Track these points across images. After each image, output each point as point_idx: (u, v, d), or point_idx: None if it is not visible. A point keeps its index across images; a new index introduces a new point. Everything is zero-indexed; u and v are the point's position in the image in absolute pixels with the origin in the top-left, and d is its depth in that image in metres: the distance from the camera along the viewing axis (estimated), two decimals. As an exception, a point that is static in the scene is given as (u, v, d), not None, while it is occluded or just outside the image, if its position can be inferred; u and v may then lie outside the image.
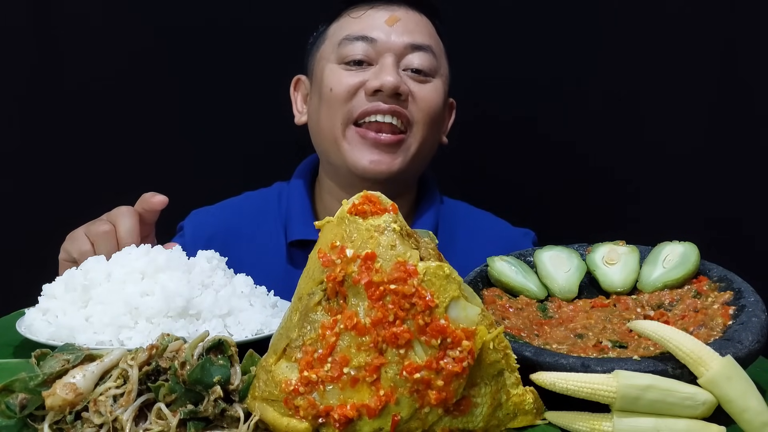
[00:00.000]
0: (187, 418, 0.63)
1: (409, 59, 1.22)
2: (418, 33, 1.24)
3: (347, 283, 0.64)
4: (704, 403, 0.63)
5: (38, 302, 0.89)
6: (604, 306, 0.86)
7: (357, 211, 0.67)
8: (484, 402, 0.65)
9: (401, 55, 1.22)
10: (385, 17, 1.24)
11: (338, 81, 1.21)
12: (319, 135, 1.27)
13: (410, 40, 1.22)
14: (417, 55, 1.22)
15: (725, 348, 0.68)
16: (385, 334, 0.62)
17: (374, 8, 1.25)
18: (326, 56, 1.26)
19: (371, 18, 1.24)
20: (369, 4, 1.26)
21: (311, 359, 0.63)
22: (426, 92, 1.23)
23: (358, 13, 1.25)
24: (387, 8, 1.25)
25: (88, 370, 0.65)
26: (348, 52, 1.22)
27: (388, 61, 1.20)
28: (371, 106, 1.19)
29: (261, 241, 1.30)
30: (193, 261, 0.92)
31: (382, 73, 1.19)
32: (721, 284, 0.82)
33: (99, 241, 1.01)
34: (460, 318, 0.63)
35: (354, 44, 1.22)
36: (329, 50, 1.26)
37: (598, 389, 0.64)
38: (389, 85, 1.17)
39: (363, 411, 0.62)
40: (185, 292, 0.85)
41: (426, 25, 1.28)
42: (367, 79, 1.20)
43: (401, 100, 1.20)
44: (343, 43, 1.23)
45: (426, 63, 1.23)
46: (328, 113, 1.23)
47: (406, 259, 0.64)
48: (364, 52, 1.22)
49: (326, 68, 1.25)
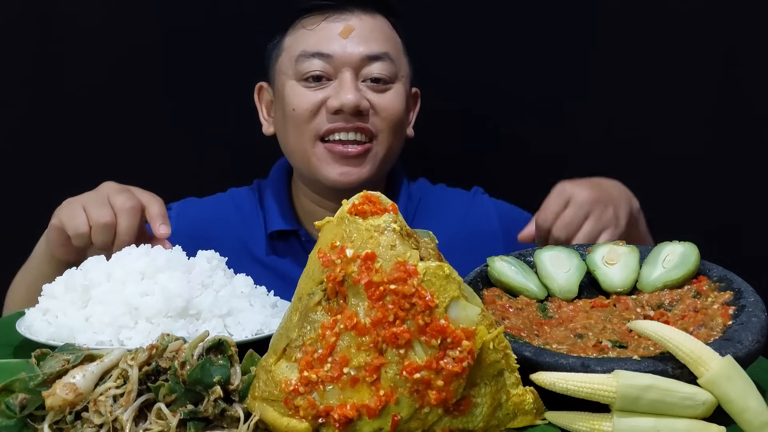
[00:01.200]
0: (187, 418, 0.63)
1: (367, 70, 1.24)
2: (374, 41, 1.25)
3: (347, 283, 0.64)
4: (704, 403, 0.63)
5: (38, 302, 0.89)
6: (604, 306, 0.86)
7: (357, 211, 0.67)
8: (484, 402, 0.65)
9: (359, 67, 1.24)
10: (340, 28, 1.24)
11: (299, 101, 1.24)
12: (288, 149, 1.31)
13: (367, 51, 1.24)
14: (375, 65, 1.24)
15: (725, 348, 0.68)
16: (385, 334, 0.62)
17: (328, 19, 1.26)
18: (285, 70, 1.28)
19: (325, 30, 1.25)
20: (323, 14, 1.26)
21: (311, 359, 0.63)
22: (387, 101, 1.26)
23: (312, 25, 1.26)
24: (341, 17, 1.26)
25: (88, 370, 0.65)
26: (305, 69, 1.24)
27: (346, 77, 1.22)
28: (334, 125, 1.23)
29: (242, 232, 1.36)
30: (193, 261, 0.92)
31: (342, 92, 1.21)
32: (721, 284, 0.82)
33: (98, 231, 1.02)
34: (460, 318, 0.63)
35: (311, 61, 1.24)
36: (287, 64, 1.27)
37: (598, 389, 0.64)
38: (349, 104, 1.20)
39: (363, 411, 0.62)
40: (185, 292, 0.85)
41: (381, 29, 1.28)
42: (328, 95, 1.23)
43: (363, 116, 1.23)
44: (299, 59, 1.25)
45: (385, 71, 1.25)
46: (294, 132, 1.26)
47: (406, 259, 0.64)
48: (322, 68, 1.23)
49: (286, 85, 1.27)
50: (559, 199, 1.08)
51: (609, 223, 1.07)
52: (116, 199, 1.04)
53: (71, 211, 1.05)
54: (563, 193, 1.09)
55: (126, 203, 1.03)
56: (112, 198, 1.04)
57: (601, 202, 1.07)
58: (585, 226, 1.06)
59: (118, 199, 1.04)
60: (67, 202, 1.08)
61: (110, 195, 1.05)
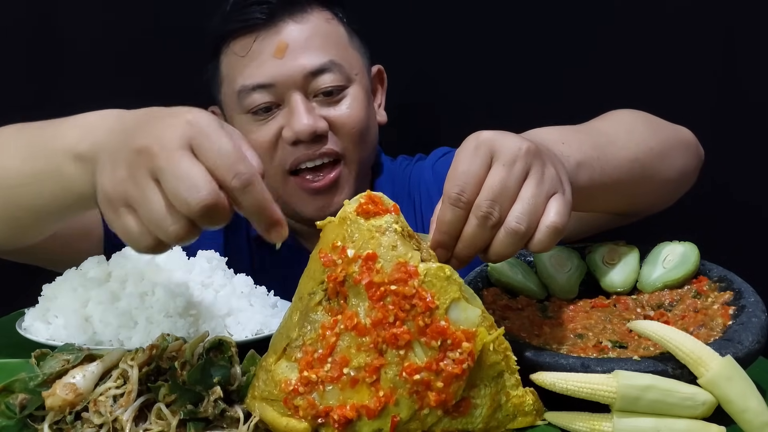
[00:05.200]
0: (187, 418, 0.63)
1: (315, 85, 1.13)
2: (313, 51, 1.13)
3: (348, 284, 0.64)
4: (704, 403, 0.63)
5: (38, 302, 0.89)
6: (604, 306, 0.86)
7: (362, 211, 0.67)
8: (484, 403, 0.65)
9: (305, 85, 1.13)
10: (272, 47, 1.12)
11: (254, 139, 1.12)
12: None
13: (309, 66, 1.12)
14: (322, 78, 1.13)
15: (725, 348, 0.68)
16: (385, 334, 0.62)
17: (258, 39, 1.13)
18: (230, 104, 1.18)
19: (258, 55, 1.13)
20: (251, 33, 1.14)
21: (311, 359, 0.63)
22: (344, 115, 1.15)
23: (242, 50, 1.14)
24: (270, 33, 1.13)
25: (88, 370, 0.65)
26: (249, 104, 1.14)
27: (295, 101, 1.12)
28: (297, 156, 1.13)
29: (222, 237, 1.25)
30: (193, 261, 0.93)
31: (293, 120, 1.11)
32: (721, 284, 0.82)
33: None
34: (461, 320, 0.63)
35: (252, 96, 1.13)
36: (229, 97, 1.17)
37: (598, 389, 0.64)
38: (304, 131, 1.11)
39: (362, 412, 0.62)
40: (185, 292, 0.85)
41: (318, 32, 1.15)
42: (281, 124, 1.13)
43: (323, 138, 1.13)
44: (241, 95, 1.14)
45: (334, 81, 1.14)
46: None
47: (407, 260, 0.64)
48: (267, 99, 1.13)
49: (235, 120, 1.17)
50: (476, 157, 0.69)
51: (555, 185, 0.70)
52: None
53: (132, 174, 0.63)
54: (481, 145, 0.69)
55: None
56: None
57: (538, 156, 0.70)
58: (524, 192, 0.68)
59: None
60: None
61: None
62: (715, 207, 1.56)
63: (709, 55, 1.56)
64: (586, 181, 0.81)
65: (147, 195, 0.61)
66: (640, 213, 1.03)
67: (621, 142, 0.91)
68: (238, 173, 0.60)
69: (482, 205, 0.68)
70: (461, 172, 0.69)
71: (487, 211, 0.68)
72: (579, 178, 0.79)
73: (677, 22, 1.55)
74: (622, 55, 1.58)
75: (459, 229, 0.70)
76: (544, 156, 0.71)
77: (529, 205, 0.68)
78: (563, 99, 1.59)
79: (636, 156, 0.91)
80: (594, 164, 0.83)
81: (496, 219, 0.68)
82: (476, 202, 0.68)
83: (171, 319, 0.84)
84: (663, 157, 0.97)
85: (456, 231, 0.70)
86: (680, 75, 1.57)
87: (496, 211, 0.68)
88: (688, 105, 1.56)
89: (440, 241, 0.71)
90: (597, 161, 0.84)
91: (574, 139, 0.83)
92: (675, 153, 1.00)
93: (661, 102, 1.57)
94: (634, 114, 1.01)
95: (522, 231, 0.68)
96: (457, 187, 0.68)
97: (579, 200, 0.76)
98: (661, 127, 1.02)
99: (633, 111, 1.01)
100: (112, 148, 0.66)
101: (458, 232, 0.70)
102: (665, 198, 1.05)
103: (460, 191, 0.68)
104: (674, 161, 0.99)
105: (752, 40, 1.54)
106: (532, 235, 0.69)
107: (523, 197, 0.68)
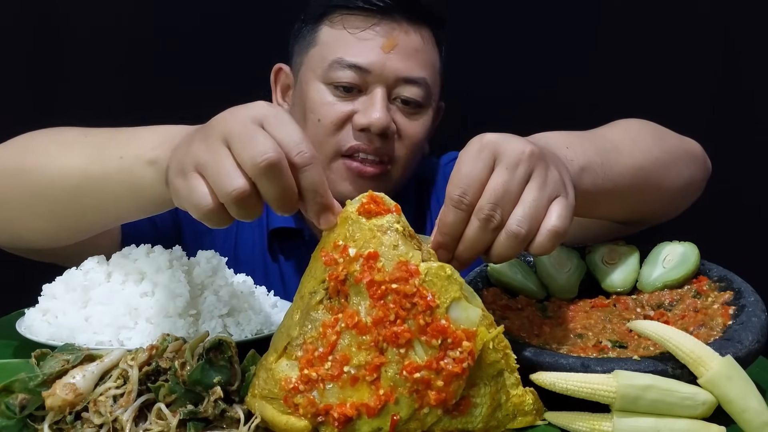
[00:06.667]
0: (187, 418, 0.63)
1: (400, 90, 1.17)
2: (414, 63, 1.17)
3: (349, 282, 0.64)
4: (704, 403, 0.63)
5: (38, 302, 0.89)
6: (604, 306, 0.86)
7: (364, 211, 0.67)
8: (484, 402, 0.65)
9: (392, 86, 1.17)
10: (383, 39, 1.16)
11: (326, 113, 1.16)
12: None
13: (405, 73, 1.16)
14: (409, 89, 1.17)
15: (725, 348, 0.68)
16: (385, 333, 0.62)
17: (373, 27, 1.17)
18: (313, 68, 1.20)
19: (368, 40, 1.16)
20: (368, 18, 1.17)
21: (312, 357, 0.63)
22: (413, 129, 1.19)
23: (355, 29, 1.17)
24: (386, 27, 1.17)
25: (88, 370, 0.65)
26: (337, 78, 1.16)
27: (377, 95, 1.15)
28: (357, 144, 1.16)
29: (242, 230, 1.30)
30: (193, 261, 0.92)
31: (371, 110, 1.14)
32: (721, 284, 0.82)
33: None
34: (461, 319, 0.63)
35: (345, 71, 1.15)
36: (317, 62, 1.19)
37: (598, 389, 0.64)
38: (378, 124, 1.13)
39: (362, 410, 0.62)
40: (185, 292, 0.85)
41: (424, 48, 1.20)
42: (356, 109, 1.16)
43: (387, 139, 1.17)
44: (333, 65, 1.16)
45: (418, 96, 1.18)
46: (314, 141, 1.17)
47: (408, 259, 0.64)
48: (355, 80, 1.15)
49: (312, 85, 1.19)
50: (479, 160, 0.70)
51: (557, 188, 0.71)
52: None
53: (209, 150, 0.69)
54: (485, 148, 0.71)
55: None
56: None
57: (541, 159, 0.71)
58: (526, 195, 0.69)
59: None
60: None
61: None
62: (715, 207, 1.56)
63: (709, 55, 1.56)
64: (589, 186, 0.82)
65: (217, 155, 0.66)
66: (644, 222, 1.05)
67: (626, 149, 0.92)
68: (302, 151, 0.66)
69: (484, 208, 0.69)
70: (464, 175, 0.70)
71: (489, 213, 0.69)
72: (582, 183, 0.80)
73: (677, 22, 1.56)
74: (623, 56, 1.58)
75: (460, 231, 0.70)
76: (547, 159, 0.72)
77: (530, 208, 0.69)
78: (563, 100, 1.59)
79: (641, 164, 0.92)
80: (598, 170, 0.84)
81: (497, 222, 0.69)
82: (478, 204, 0.69)
83: (171, 319, 0.84)
84: (668, 166, 0.98)
85: (457, 233, 0.71)
86: (680, 75, 1.57)
87: (497, 214, 0.69)
88: (688, 105, 1.57)
89: (442, 243, 0.71)
90: (601, 167, 0.85)
91: (578, 144, 0.84)
92: (681, 163, 1.01)
93: (661, 102, 1.58)
94: (641, 123, 1.02)
95: (523, 234, 0.69)
96: (460, 189, 0.69)
97: (582, 205, 0.77)
98: (667, 137, 1.03)
99: (640, 120, 1.03)
100: (189, 138, 0.72)
101: (460, 234, 0.71)
102: (669, 208, 1.06)
103: (462, 193, 0.69)
104: (680, 172, 1.00)
105: (752, 40, 1.54)
106: (533, 237, 0.70)
107: (524, 200, 0.69)
